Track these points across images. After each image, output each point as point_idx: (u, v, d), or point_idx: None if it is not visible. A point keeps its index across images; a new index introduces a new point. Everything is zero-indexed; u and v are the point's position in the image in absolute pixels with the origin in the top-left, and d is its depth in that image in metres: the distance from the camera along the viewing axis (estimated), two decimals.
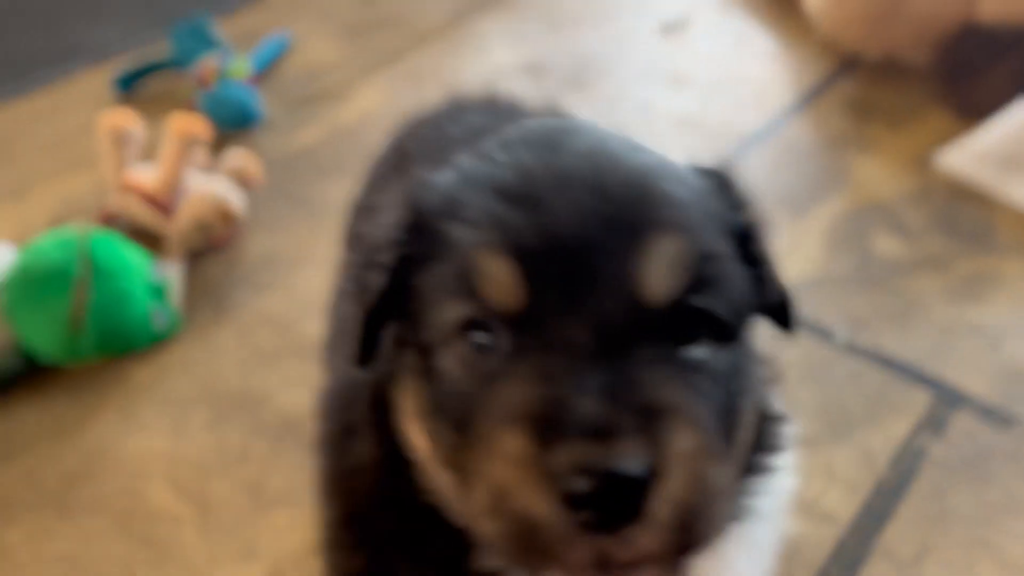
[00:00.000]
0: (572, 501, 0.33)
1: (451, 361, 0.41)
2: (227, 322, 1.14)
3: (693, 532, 0.37)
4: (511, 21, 1.78)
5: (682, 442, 0.35)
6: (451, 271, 0.42)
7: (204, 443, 0.98)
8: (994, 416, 0.98)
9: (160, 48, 1.62)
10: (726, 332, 0.44)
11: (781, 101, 1.53)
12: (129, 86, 1.55)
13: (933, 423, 0.98)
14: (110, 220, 1.24)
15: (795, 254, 1.21)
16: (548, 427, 0.34)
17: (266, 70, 1.62)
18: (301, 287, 1.18)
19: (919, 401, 1.00)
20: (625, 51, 1.69)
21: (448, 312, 0.41)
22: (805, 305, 1.13)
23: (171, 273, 1.13)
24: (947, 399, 1.00)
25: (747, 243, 0.49)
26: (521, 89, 1.53)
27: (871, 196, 1.31)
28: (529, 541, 0.35)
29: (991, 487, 0.91)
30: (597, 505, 0.33)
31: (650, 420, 0.35)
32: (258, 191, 1.32)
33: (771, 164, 1.38)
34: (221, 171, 1.26)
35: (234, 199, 1.21)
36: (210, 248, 1.22)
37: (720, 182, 0.51)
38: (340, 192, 1.21)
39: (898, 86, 1.54)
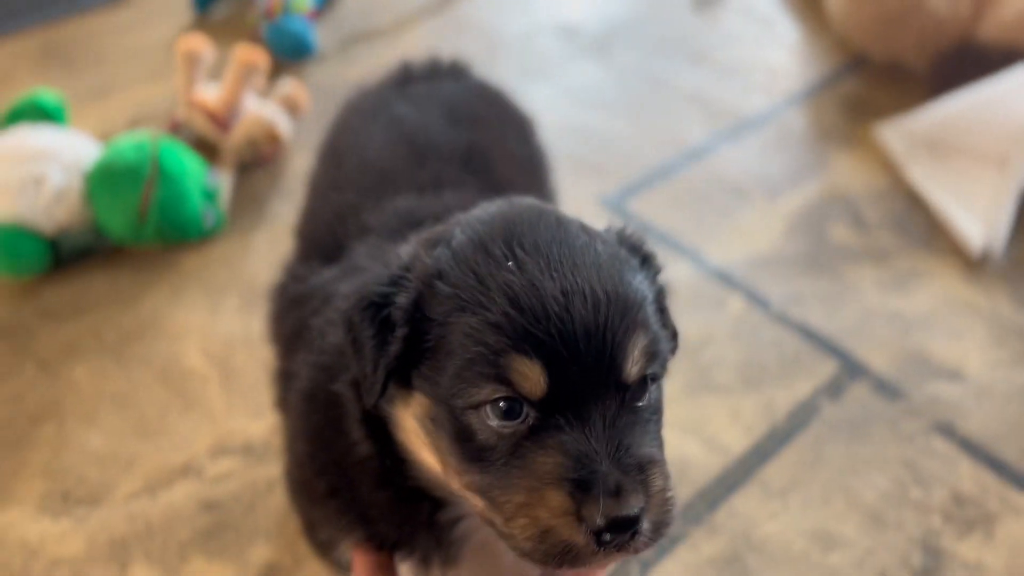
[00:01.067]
0: (597, 535, 0.52)
1: (479, 422, 0.55)
2: (264, 227, 1.35)
3: (662, 531, 0.56)
4: None
5: (658, 483, 0.54)
6: (483, 362, 0.54)
7: (233, 323, 1.21)
8: (886, 389, 1.16)
9: None
10: (659, 379, 0.61)
11: (787, 90, 1.67)
12: (205, 7, 1.75)
13: (833, 388, 1.16)
14: (177, 128, 1.46)
15: (757, 233, 1.37)
16: (580, 488, 0.52)
17: (326, 6, 1.80)
18: None
19: (827, 369, 1.18)
20: (656, 22, 1.83)
21: (483, 391, 0.54)
22: (752, 276, 1.30)
23: (222, 180, 1.34)
24: (850, 370, 1.18)
25: (661, 301, 0.63)
26: (553, 48, 1.70)
27: (840, 189, 1.46)
28: (563, 556, 0.53)
29: (865, 445, 1.10)
30: (612, 534, 0.52)
31: (641, 473, 0.53)
32: (305, 117, 1.52)
33: (760, 148, 1.53)
34: (274, 97, 1.46)
35: (282, 123, 1.42)
36: (257, 163, 1.44)
37: (643, 257, 0.64)
38: None
39: (896, 90, 1.66)
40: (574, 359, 0.53)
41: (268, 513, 1.00)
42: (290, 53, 1.63)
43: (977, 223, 1.35)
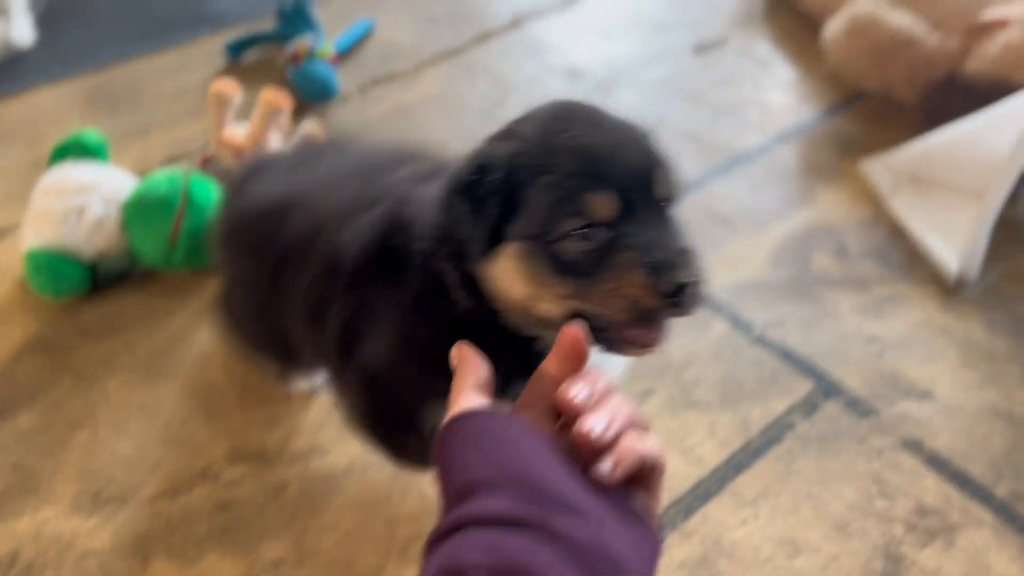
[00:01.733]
0: (667, 297, 0.69)
1: (570, 247, 0.73)
2: None
3: (702, 294, 0.72)
4: (565, 28, 2.04)
5: (697, 263, 0.72)
6: (566, 202, 0.72)
7: None
8: (858, 407, 1.23)
9: (267, 23, 1.96)
10: (677, 200, 0.78)
11: (780, 127, 1.76)
12: (238, 53, 1.90)
13: (807, 406, 1.23)
14: (208, 163, 1.59)
15: (743, 261, 1.46)
16: (653, 269, 0.70)
17: (349, 51, 1.94)
18: None
19: (802, 388, 1.25)
20: (657, 65, 1.93)
21: (570, 223, 0.72)
22: (736, 301, 1.38)
23: None
24: (825, 389, 1.25)
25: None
26: (559, 89, 1.81)
27: (825, 220, 1.53)
28: (646, 318, 0.71)
29: (834, 459, 1.16)
30: (676, 296, 0.70)
31: (687, 255, 0.71)
32: None
33: (749, 182, 1.62)
34: (296, 136, 1.59)
35: None
36: None
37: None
38: None
39: (884, 128, 1.74)
40: (628, 188, 0.73)
41: (277, 513, 1.10)
42: (315, 95, 1.76)
43: (953, 253, 1.42)
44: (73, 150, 1.45)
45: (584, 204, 0.72)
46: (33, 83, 1.83)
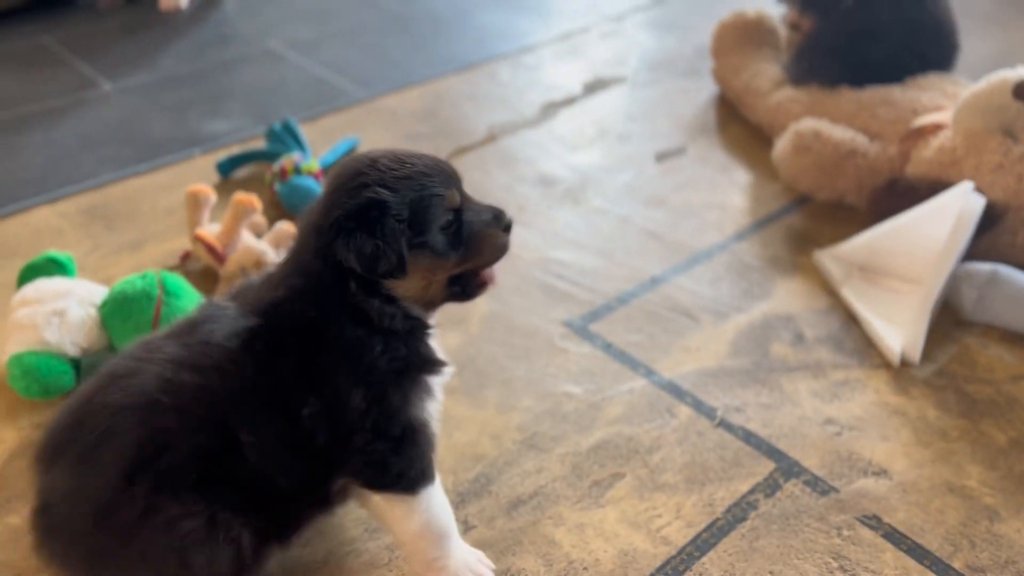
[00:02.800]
0: (508, 232, 1.06)
1: (446, 233, 1.01)
2: None
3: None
4: (536, 141, 2.19)
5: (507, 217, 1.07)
6: (438, 205, 1.00)
7: None
8: (817, 485, 1.28)
9: (258, 142, 2.10)
10: None
11: (738, 226, 1.87)
12: (228, 172, 2.03)
13: (769, 486, 1.29)
14: (186, 258, 1.71)
15: (705, 350, 1.54)
16: (499, 225, 1.06)
17: (333, 166, 2.07)
18: None
19: (764, 469, 1.31)
20: (623, 172, 2.06)
21: (445, 216, 1.01)
22: (699, 388, 1.45)
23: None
24: (785, 470, 1.31)
25: None
26: (531, 195, 1.93)
27: (783, 311, 1.63)
28: (500, 250, 1.07)
29: (796, 536, 1.21)
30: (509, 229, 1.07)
31: (498, 208, 1.06)
32: None
33: (710, 276, 1.72)
34: (267, 235, 1.70)
35: (269, 254, 1.64)
36: None
37: None
38: None
39: (837, 223, 1.85)
40: (456, 186, 1.04)
41: None
42: (300, 207, 1.87)
43: (898, 336, 1.51)
44: (42, 269, 1.54)
45: (448, 200, 1.01)
46: (34, 202, 1.94)
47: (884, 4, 2.04)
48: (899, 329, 1.52)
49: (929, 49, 2.04)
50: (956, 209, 1.53)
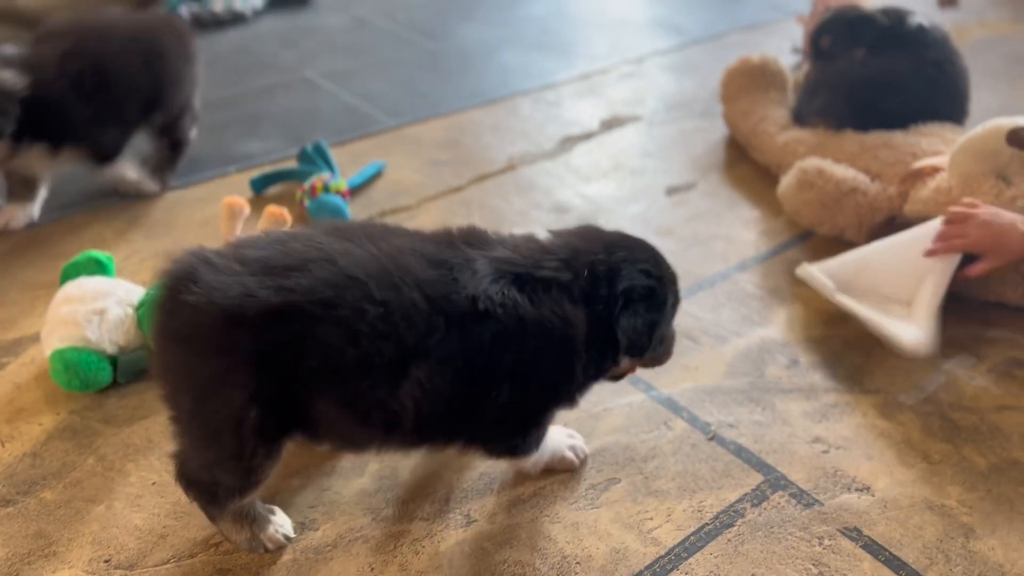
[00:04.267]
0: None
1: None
2: None
3: None
4: (553, 172, 2.30)
5: None
6: (671, 314, 1.29)
7: None
8: (802, 498, 1.35)
9: (290, 163, 2.23)
10: None
11: (742, 257, 1.96)
12: (261, 189, 2.15)
13: (756, 496, 1.36)
14: None
15: (703, 370, 1.61)
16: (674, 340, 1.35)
17: (361, 187, 2.19)
18: None
19: (752, 480, 1.38)
20: (634, 203, 2.16)
21: (671, 323, 1.31)
22: (695, 404, 1.53)
23: None
24: (773, 482, 1.38)
25: None
26: (547, 221, 2.03)
27: (780, 337, 1.70)
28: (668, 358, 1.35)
29: (779, 544, 1.28)
30: None
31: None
32: None
33: (712, 303, 1.80)
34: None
35: None
36: None
37: None
38: None
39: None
40: None
41: None
42: None
43: (906, 328, 1.59)
44: (85, 265, 1.65)
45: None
46: (79, 210, 2.07)
47: (901, 58, 2.13)
48: (906, 324, 1.60)
49: (942, 106, 2.12)
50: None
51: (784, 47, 2.94)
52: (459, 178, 2.27)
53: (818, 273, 1.76)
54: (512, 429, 1.20)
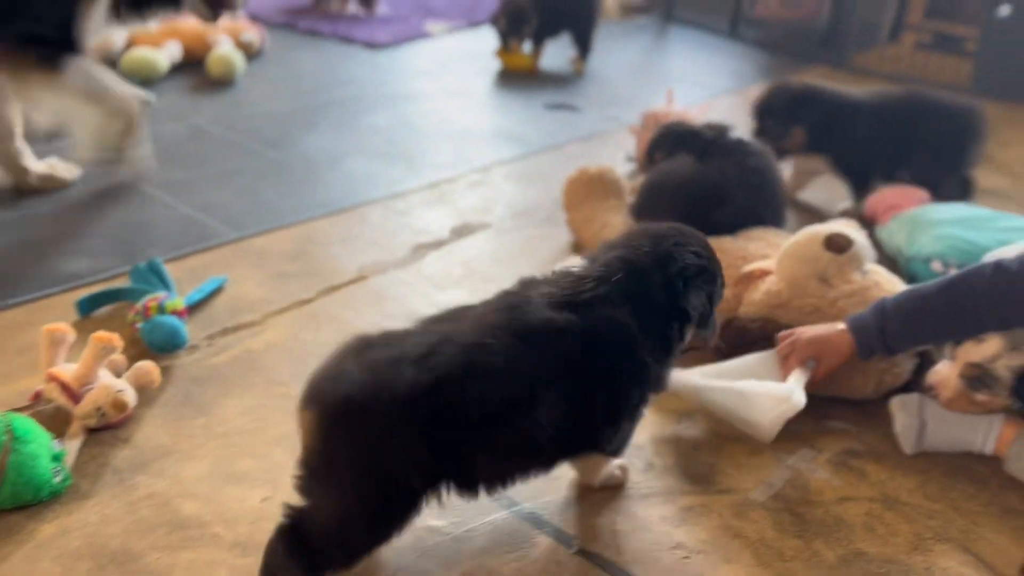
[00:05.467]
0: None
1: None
2: (122, 494, 1.49)
3: None
4: (405, 281, 2.28)
5: None
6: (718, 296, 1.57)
7: None
8: None
9: (122, 280, 2.09)
10: None
11: None
12: (88, 311, 1.99)
13: None
14: (38, 397, 1.67)
15: (564, 478, 1.60)
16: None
17: (200, 304, 2.07)
18: (184, 475, 1.55)
19: None
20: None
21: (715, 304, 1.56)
22: (558, 517, 1.51)
23: (70, 444, 1.56)
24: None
25: None
26: None
27: (635, 439, 1.71)
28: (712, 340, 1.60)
29: None
30: None
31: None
32: (167, 397, 1.72)
33: None
34: (126, 374, 1.69)
35: (128, 395, 1.64)
36: (106, 427, 1.64)
37: None
38: (234, 405, 1.62)
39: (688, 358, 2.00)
40: None
41: None
42: (163, 346, 1.86)
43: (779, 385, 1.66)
44: None
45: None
46: None
47: (728, 166, 2.29)
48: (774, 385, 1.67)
49: (766, 211, 2.30)
50: (780, 406, 1.64)
51: (619, 156, 3.11)
52: (307, 290, 2.20)
53: (681, 378, 1.75)
54: (617, 425, 1.43)
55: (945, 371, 1.70)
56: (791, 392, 1.64)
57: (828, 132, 2.67)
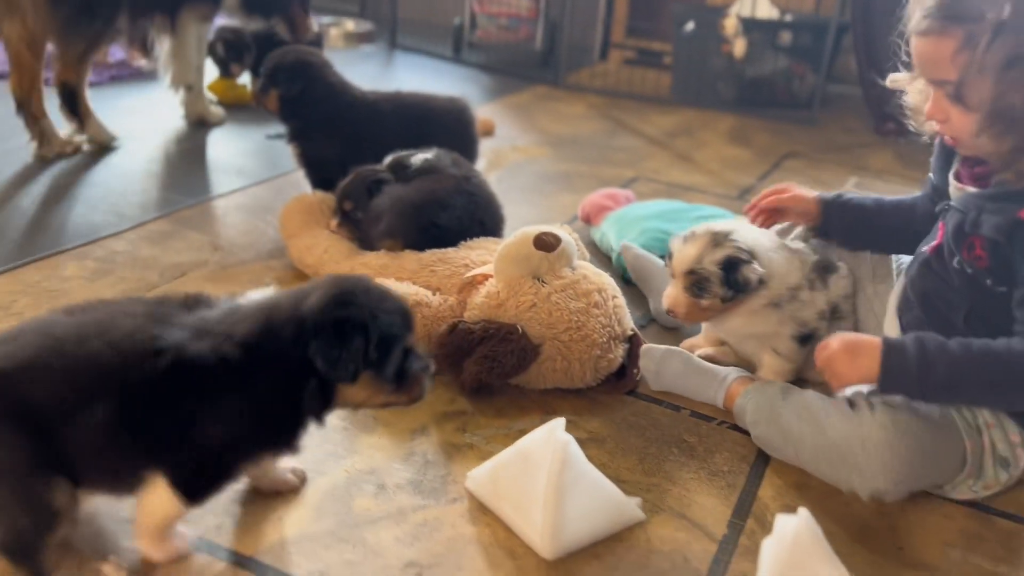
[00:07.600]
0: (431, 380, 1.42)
1: (391, 370, 1.34)
2: None
3: None
4: None
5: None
6: (398, 342, 1.34)
7: None
8: None
9: None
10: None
11: None
12: None
13: None
14: None
15: (287, 517, 1.50)
16: (428, 373, 1.42)
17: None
18: None
19: None
20: None
21: (396, 356, 1.33)
22: (281, 560, 1.40)
23: None
24: None
25: None
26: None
27: (366, 465, 1.66)
28: (423, 392, 1.41)
29: None
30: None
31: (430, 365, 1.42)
32: None
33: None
34: None
35: None
36: None
37: None
38: None
39: None
40: (412, 332, 1.38)
41: None
42: None
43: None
44: None
45: (403, 343, 1.31)
46: None
47: (443, 180, 2.31)
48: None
49: (486, 218, 2.34)
50: (549, 446, 1.47)
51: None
52: None
53: (475, 487, 1.60)
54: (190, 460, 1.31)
55: (673, 291, 1.86)
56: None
57: (301, 108, 2.62)
